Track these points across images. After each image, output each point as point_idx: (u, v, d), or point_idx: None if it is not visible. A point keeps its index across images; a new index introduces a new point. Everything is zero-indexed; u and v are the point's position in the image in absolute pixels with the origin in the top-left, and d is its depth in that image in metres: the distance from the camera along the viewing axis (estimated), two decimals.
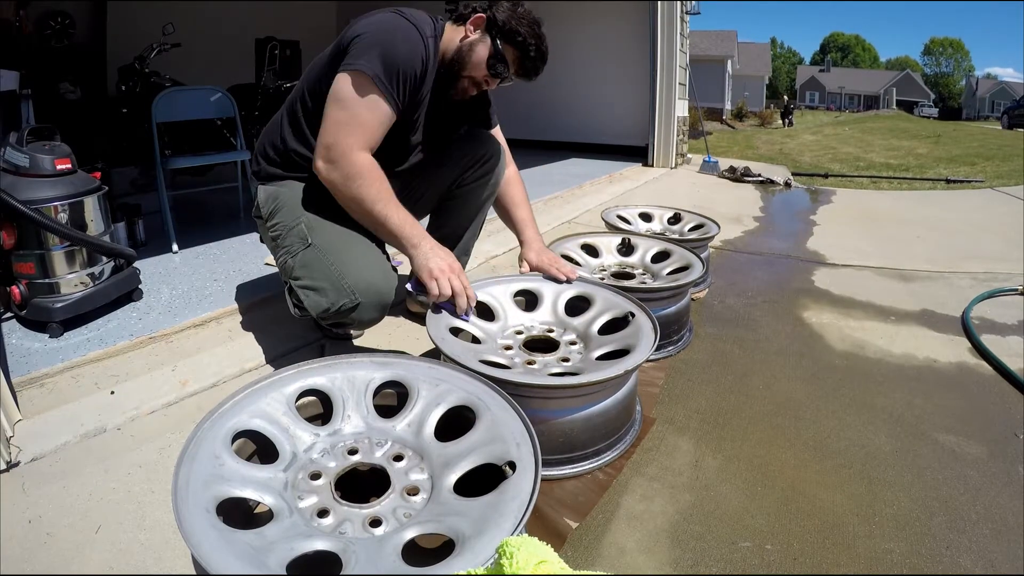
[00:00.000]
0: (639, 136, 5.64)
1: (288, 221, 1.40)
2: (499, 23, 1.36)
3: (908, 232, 3.35)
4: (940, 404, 1.51)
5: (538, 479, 0.79)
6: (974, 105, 44.13)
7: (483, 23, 1.38)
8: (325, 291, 1.29)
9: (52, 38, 4.27)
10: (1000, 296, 2.24)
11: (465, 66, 1.38)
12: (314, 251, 1.34)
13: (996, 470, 1.24)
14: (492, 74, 1.39)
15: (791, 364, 1.72)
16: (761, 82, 29.66)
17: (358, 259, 1.32)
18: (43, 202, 1.59)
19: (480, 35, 1.38)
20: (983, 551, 1.02)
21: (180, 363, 1.52)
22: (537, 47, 1.38)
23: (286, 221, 1.41)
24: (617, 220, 2.38)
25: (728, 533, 1.06)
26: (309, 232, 1.36)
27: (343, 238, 1.35)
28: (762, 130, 16.25)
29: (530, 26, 1.37)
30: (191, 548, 0.65)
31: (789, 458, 1.28)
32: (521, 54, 1.38)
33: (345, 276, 1.28)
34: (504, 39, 1.37)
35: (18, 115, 2.41)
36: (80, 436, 1.22)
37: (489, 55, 1.38)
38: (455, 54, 1.39)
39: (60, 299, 1.61)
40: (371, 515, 0.79)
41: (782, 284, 2.44)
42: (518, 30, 1.35)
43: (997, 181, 5.73)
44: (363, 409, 0.98)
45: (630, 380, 1.26)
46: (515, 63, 1.40)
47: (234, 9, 5.60)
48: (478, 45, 1.38)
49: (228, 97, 2.78)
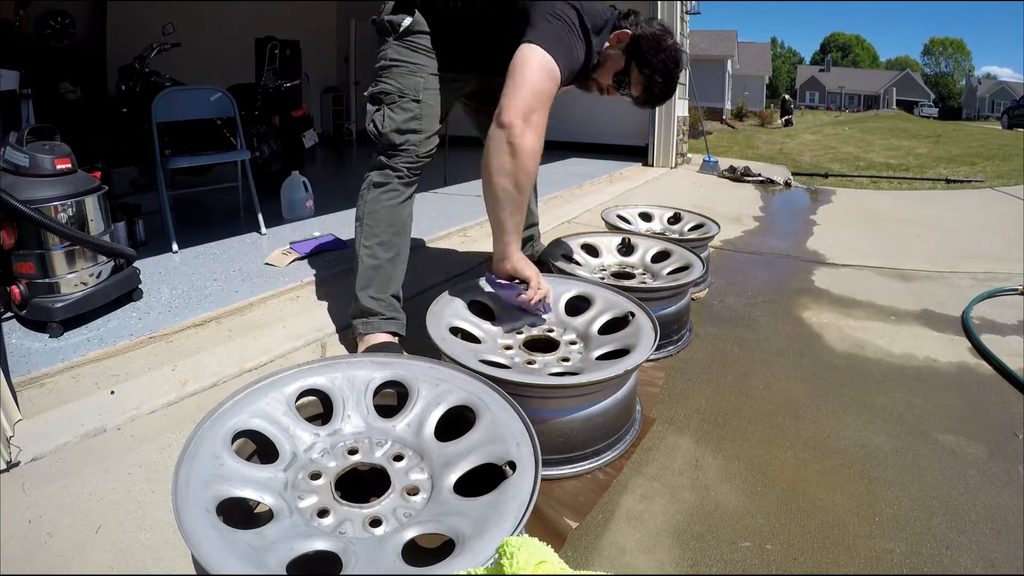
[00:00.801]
0: (639, 136, 5.63)
1: (411, 68, 1.50)
2: (639, 48, 1.47)
3: (908, 232, 3.35)
4: (940, 404, 1.51)
5: (538, 479, 0.79)
6: (974, 105, 44.13)
7: (627, 41, 1.48)
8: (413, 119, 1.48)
9: (52, 38, 4.28)
10: (1000, 296, 2.24)
11: (597, 70, 1.52)
12: (416, 104, 1.50)
13: (996, 470, 1.24)
14: (615, 85, 1.53)
15: (791, 364, 1.72)
16: (761, 82, 29.64)
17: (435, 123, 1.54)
18: (43, 202, 1.58)
19: (619, 51, 1.50)
20: (983, 551, 1.02)
21: (180, 363, 1.52)
22: (663, 85, 1.50)
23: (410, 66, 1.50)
24: (617, 220, 2.38)
25: (728, 533, 1.06)
26: (423, 91, 1.50)
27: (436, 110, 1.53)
28: (762, 130, 16.23)
29: (665, 63, 1.47)
30: (191, 548, 0.65)
31: (789, 458, 1.28)
32: (647, 84, 1.50)
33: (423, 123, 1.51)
34: (637, 64, 1.49)
35: (18, 115, 2.41)
36: (80, 436, 1.22)
37: (616, 72, 1.51)
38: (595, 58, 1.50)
39: (60, 299, 1.61)
40: (371, 515, 0.79)
41: (782, 284, 2.44)
42: (652, 62, 1.47)
43: (997, 181, 5.72)
44: (363, 409, 0.98)
45: (630, 380, 1.26)
46: (637, 88, 1.52)
47: (234, 9, 5.60)
48: (612, 59, 1.51)
49: (228, 97, 2.78)
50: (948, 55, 56.53)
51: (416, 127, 1.51)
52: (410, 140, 1.50)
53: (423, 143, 1.53)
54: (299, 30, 5.52)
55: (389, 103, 1.50)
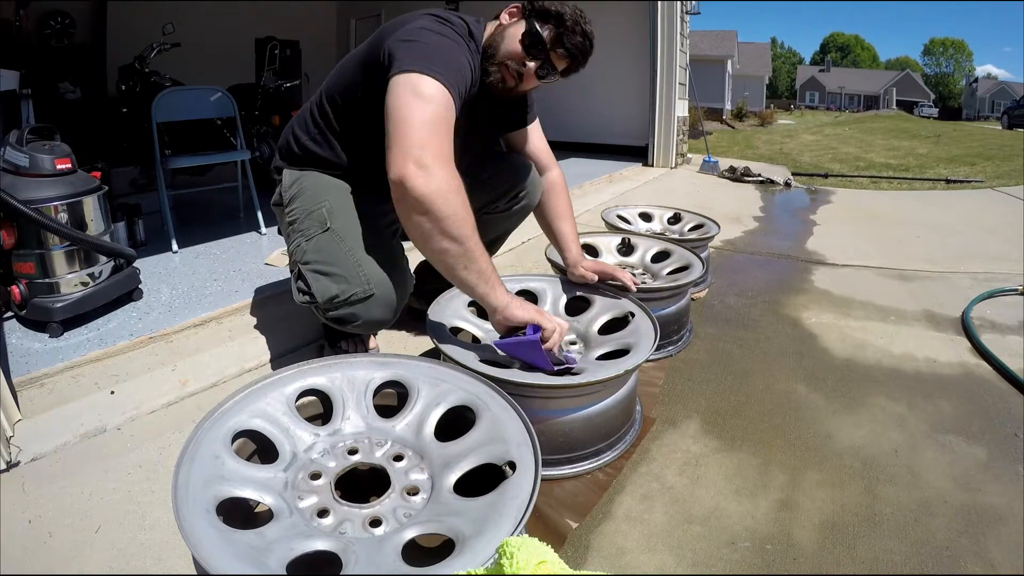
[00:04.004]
0: (639, 136, 5.63)
1: (308, 205, 1.32)
2: (535, 6, 1.26)
3: (908, 232, 3.35)
4: (940, 404, 1.51)
5: (538, 479, 0.79)
6: (974, 105, 44.10)
7: (519, 10, 1.29)
8: (337, 277, 1.20)
9: (52, 38, 4.28)
10: (1000, 296, 2.24)
11: (498, 51, 1.27)
12: (332, 235, 1.25)
13: (996, 470, 1.24)
14: (529, 55, 1.25)
15: (791, 364, 1.72)
16: (761, 82, 29.62)
17: (379, 252, 1.23)
18: (43, 202, 1.58)
19: (515, 21, 1.29)
20: (983, 551, 1.02)
21: (180, 363, 1.52)
22: (576, 25, 1.25)
23: (306, 205, 1.33)
24: (617, 220, 2.38)
25: (728, 533, 1.06)
26: (329, 216, 1.28)
27: (366, 228, 1.27)
28: (762, 130, 16.24)
29: (564, 5, 1.25)
30: (191, 548, 0.65)
31: (789, 458, 1.28)
32: (559, 30, 1.25)
33: (362, 264, 1.20)
34: (540, 18, 1.26)
35: (18, 115, 2.40)
36: (80, 436, 1.22)
37: (523, 33, 1.25)
38: (488, 43, 1.29)
39: (60, 299, 1.61)
40: (371, 515, 0.79)
41: (782, 284, 2.43)
42: (552, 8, 1.25)
43: (997, 181, 5.72)
44: (363, 409, 0.98)
45: (630, 380, 1.26)
46: (553, 41, 1.25)
47: (234, 9, 5.60)
48: (511, 27, 1.28)
49: (228, 97, 2.78)
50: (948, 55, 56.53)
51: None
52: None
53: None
54: (299, 30, 5.51)
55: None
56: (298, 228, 1.33)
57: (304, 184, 1.38)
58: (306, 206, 1.33)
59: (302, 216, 1.33)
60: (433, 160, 1.04)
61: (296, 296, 1.28)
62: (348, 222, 1.28)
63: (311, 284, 1.23)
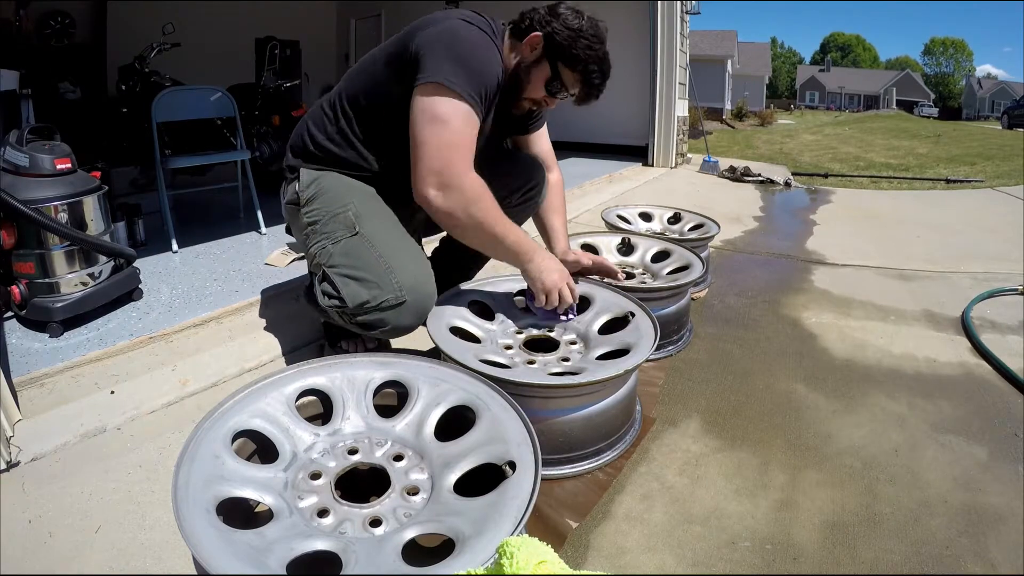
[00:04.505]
0: (639, 136, 5.63)
1: (331, 207, 1.32)
2: (558, 45, 1.27)
3: (908, 232, 3.35)
4: (940, 404, 1.51)
5: (538, 479, 0.79)
6: (974, 105, 44.10)
7: (540, 44, 1.29)
8: (368, 283, 1.20)
9: (52, 38, 4.28)
10: (1000, 296, 2.24)
11: (524, 89, 1.33)
12: (361, 240, 1.26)
13: (996, 470, 1.24)
14: (554, 97, 1.34)
15: (791, 364, 1.72)
16: (761, 82, 29.61)
17: (409, 258, 1.25)
18: (43, 202, 1.58)
19: (538, 57, 1.30)
20: (983, 551, 1.02)
21: (180, 363, 1.52)
22: (600, 70, 1.30)
23: (329, 207, 1.32)
24: (617, 220, 2.38)
25: (728, 533, 1.06)
26: (357, 220, 1.28)
27: (394, 233, 1.30)
28: (762, 130, 16.23)
29: (590, 47, 1.27)
30: (191, 548, 0.65)
31: (789, 458, 1.28)
32: (584, 78, 1.30)
33: (394, 271, 1.21)
34: (565, 64, 1.29)
35: (18, 115, 2.40)
36: (80, 436, 1.22)
37: (547, 80, 1.31)
38: (513, 76, 1.32)
39: (60, 299, 1.61)
40: (371, 515, 0.79)
41: (782, 284, 2.44)
42: (578, 55, 1.27)
43: (997, 181, 5.72)
44: (363, 409, 0.98)
45: (630, 380, 1.26)
46: (576, 86, 1.32)
47: (234, 9, 5.60)
48: (535, 70, 1.31)
49: (228, 97, 2.78)
50: (948, 55, 56.52)
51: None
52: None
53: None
54: (299, 30, 5.51)
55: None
56: (321, 230, 1.32)
57: (324, 185, 1.36)
58: (329, 207, 1.32)
59: (325, 218, 1.32)
60: (451, 178, 1.17)
61: (321, 299, 1.28)
62: (376, 226, 1.30)
63: (340, 288, 1.23)
